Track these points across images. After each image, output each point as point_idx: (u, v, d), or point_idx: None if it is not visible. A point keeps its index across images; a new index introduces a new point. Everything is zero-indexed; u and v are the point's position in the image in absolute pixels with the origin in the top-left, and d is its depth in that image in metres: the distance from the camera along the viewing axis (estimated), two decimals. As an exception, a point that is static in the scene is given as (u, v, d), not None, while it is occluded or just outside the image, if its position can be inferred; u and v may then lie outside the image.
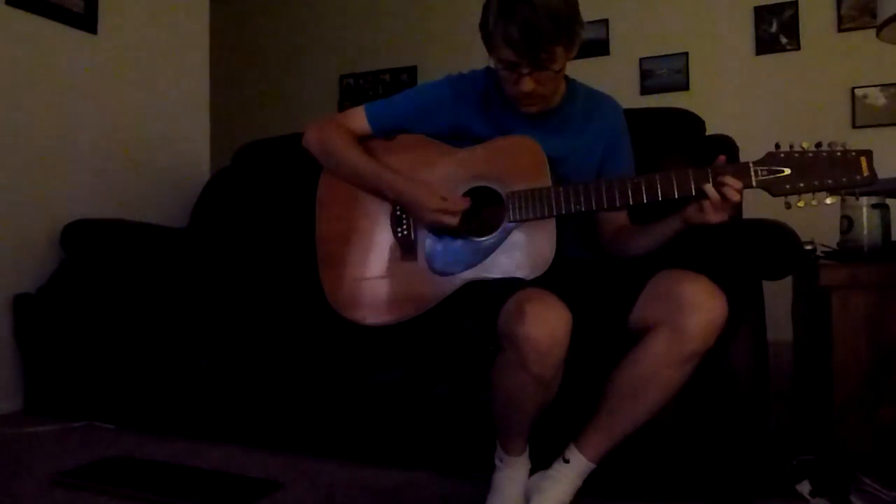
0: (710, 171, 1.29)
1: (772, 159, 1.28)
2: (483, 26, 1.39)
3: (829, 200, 1.27)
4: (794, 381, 2.07)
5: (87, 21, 2.55)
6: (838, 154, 1.25)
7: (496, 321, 1.26)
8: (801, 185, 1.26)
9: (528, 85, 1.37)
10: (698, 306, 1.20)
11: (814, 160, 1.26)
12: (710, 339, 1.21)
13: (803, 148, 1.27)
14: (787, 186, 1.26)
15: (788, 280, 1.90)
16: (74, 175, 2.50)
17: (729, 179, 1.26)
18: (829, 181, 1.25)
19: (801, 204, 1.27)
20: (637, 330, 1.29)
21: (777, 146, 1.29)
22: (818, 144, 1.27)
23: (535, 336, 1.16)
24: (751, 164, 1.28)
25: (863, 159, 1.24)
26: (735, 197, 1.26)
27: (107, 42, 2.63)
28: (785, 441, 1.69)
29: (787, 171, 1.27)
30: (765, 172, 1.27)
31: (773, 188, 1.27)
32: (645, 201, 1.34)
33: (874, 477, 1.44)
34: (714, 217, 1.28)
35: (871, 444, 1.51)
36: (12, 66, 2.32)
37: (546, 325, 1.17)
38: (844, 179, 1.24)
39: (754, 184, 1.28)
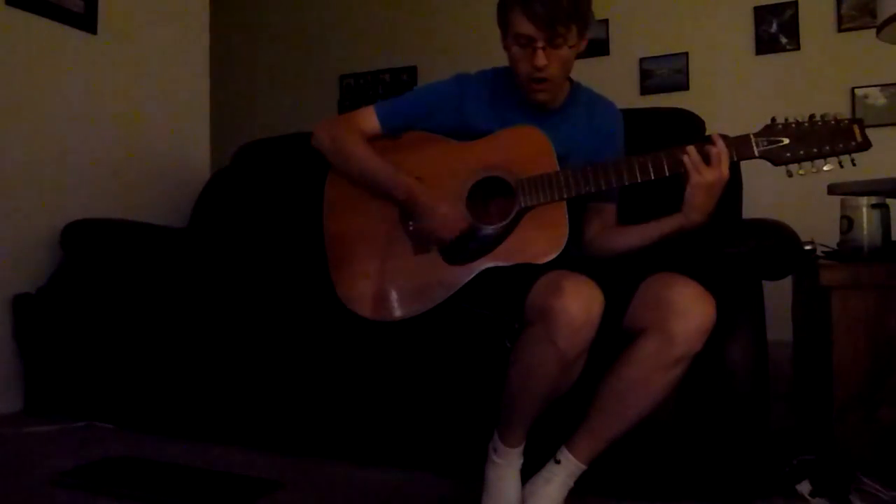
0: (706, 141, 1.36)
1: (769, 131, 1.35)
2: (501, 1, 1.44)
3: (826, 167, 1.33)
4: (794, 381, 2.07)
5: (87, 21, 2.55)
6: (832, 123, 1.32)
7: (524, 299, 1.28)
8: (801, 153, 1.32)
9: (541, 59, 1.40)
10: (686, 311, 1.22)
11: (810, 129, 1.32)
12: (698, 344, 1.23)
13: (798, 120, 1.34)
14: (788, 155, 1.32)
15: (788, 280, 1.91)
16: (74, 175, 2.50)
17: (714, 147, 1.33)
18: (827, 148, 1.31)
19: (801, 172, 1.33)
20: (630, 331, 1.30)
21: (773, 119, 1.35)
22: (811, 116, 1.33)
23: (572, 310, 1.18)
24: (752, 136, 1.34)
25: (855, 126, 1.30)
26: (716, 153, 1.31)
27: (107, 42, 2.63)
28: (785, 441, 1.69)
29: (786, 140, 1.33)
30: (765, 143, 1.34)
31: (775, 157, 1.33)
32: (653, 177, 1.38)
33: (874, 477, 1.44)
34: (697, 176, 1.32)
35: (871, 444, 1.51)
36: (12, 66, 2.32)
37: (583, 300, 1.19)
38: (841, 145, 1.30)
39: (756, 153, 1.34)
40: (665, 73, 3.74)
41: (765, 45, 3.57)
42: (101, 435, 2.00)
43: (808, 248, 1.69)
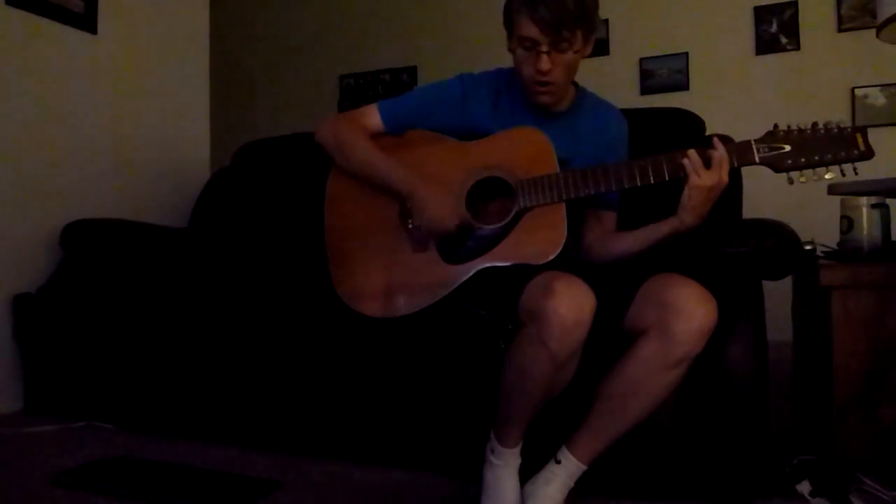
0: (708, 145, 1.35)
1: (771, 137, 1.33)
2: (508, 4, 1.45)
3: (828, 175, 1.31)
4: (794, 381, 2.07)
5: (87, 21, 2.55)
6: (835, 131, 1.30)
7: (517, 300, 1.28)
8: (803, 160, 1.30)
9: (545, 63, 1.40)
10: (687, 312, 1.22)
11: (812, 137, 1.31)
12: (699, 345, 1.23)
13: (800, 127, 1.31)
14: (789, 162, 1.31)
15: (788, 280, 1.90)
16: (74, 175, 2.50)
17: (715, 151, 1.32)
18: (829, 156, 1.29)
19: (802, 179, 1.32)
20: (631, 332, 1.30)
21: (775, 126, 1.33)
22: (814, 124, 1.31)
23: (562, 311, 1.17)
24: (753, 142, 1.33)
25: (858, 135, 1.29)
26: (718, 157, 1.31)
27: (107, 42, 2.63)
28: (785, 441, 1.69)
29: (788, 147, 1.31)
30: (766, 149, 1.32)
31: (776, 164, 1.32)
32: (652, 181, 1.37)
33: (874, 477, 1.44)
34: (696, 178, 1.31)
35: (871, 444, 1.51)
36: (12, 66, 2.32)
37: (574, 301, 1.19)
38: (843, 154, 1.28)
39: (757, 160, 1.32)
40: (665, 73, 3.74)
41: (765, 45, 3.57)
42: (101, 435, 2.00)
43: (808, 248, 1.69)
